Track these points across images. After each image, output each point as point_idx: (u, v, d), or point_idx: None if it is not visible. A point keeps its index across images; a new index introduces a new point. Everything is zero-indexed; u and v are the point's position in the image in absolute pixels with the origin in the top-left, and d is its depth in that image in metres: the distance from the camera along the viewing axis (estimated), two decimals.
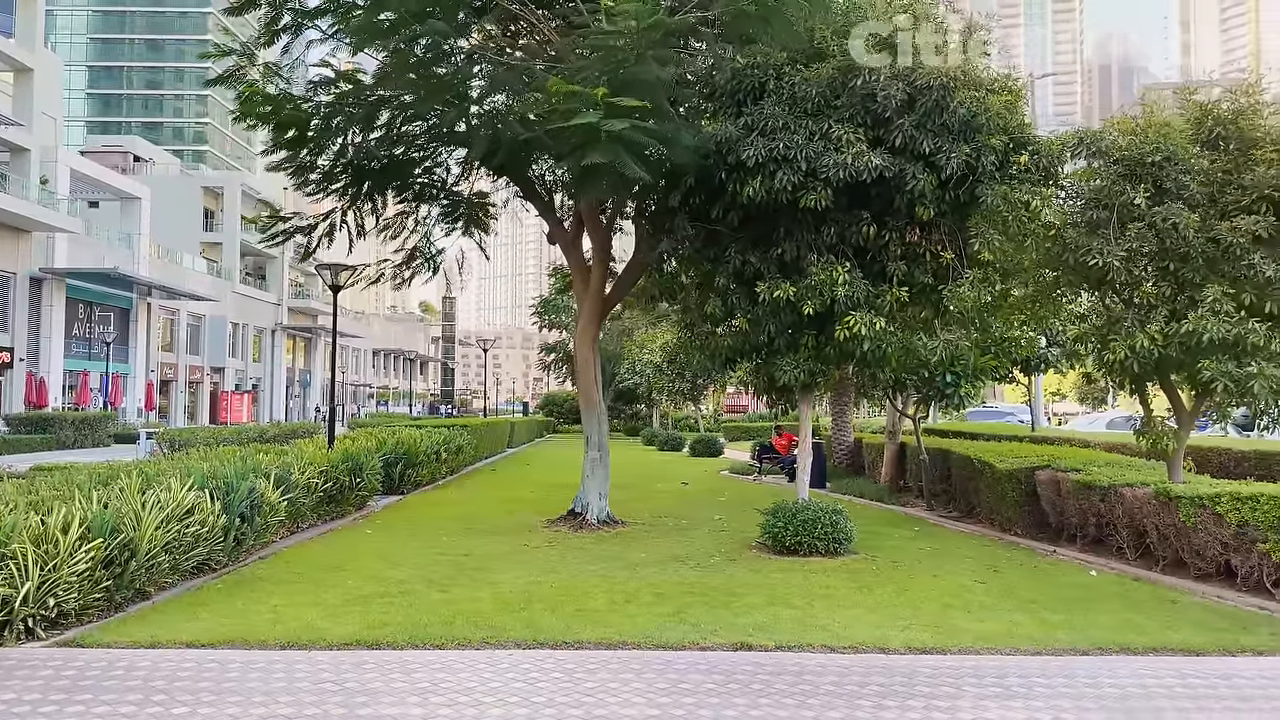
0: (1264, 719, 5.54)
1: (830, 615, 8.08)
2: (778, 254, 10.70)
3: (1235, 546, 9.12)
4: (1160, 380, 10.69)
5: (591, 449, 13.87)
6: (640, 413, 50.48)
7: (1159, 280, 9.91)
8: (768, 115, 10.21)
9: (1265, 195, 9.24)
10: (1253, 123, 9.59)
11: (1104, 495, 11.11)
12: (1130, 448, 15.42)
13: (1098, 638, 7.36)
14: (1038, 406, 25.25)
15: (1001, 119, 9.85)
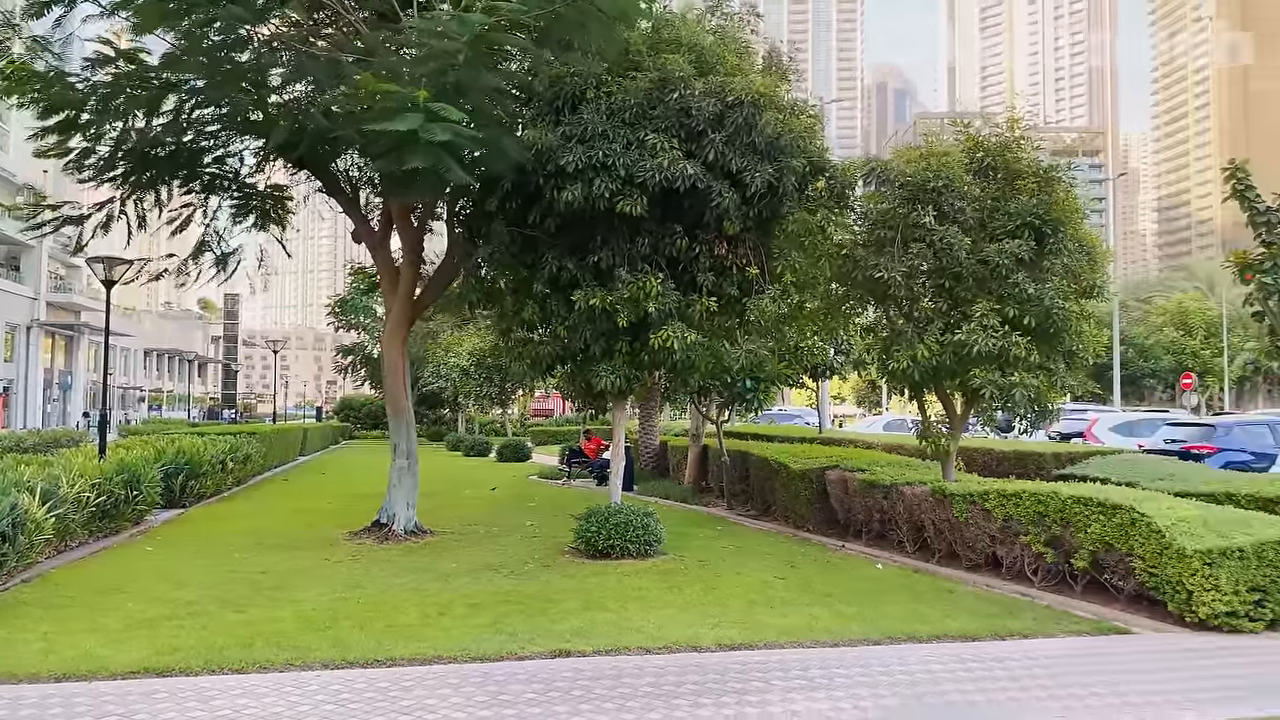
0: (1032, 695, 6.18)
1: (644, 617, 8.26)
2: (594, 262, 10.84)
3: (1001, 539, 10.11)
4: (936, 387, 11.67)
5: (399, 456, 13.46)
6: (445, 417, 49.43)
7: (936, 296, 10.83)
8: (587, 123, 10.33)
9: (1027, 222, 10.33)
10: (1016, 155, 10.71)
11: (887, 493, 12.01)
12: (907, 448, 16.74)
13: (887, 628, 7.95)
14: (824, 410, 26.90)
15: (803, 141, 10.47)
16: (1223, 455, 17.75)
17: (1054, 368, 10.49)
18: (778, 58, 11.78)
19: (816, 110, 11.37)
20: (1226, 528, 8.05)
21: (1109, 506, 8.73)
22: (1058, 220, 10.37)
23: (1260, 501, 10.36)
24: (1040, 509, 9.49)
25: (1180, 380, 56.61)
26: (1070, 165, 11.30)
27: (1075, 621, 8.25)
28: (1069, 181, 10.73)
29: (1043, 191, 10.46)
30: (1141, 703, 5.94)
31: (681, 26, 10.98)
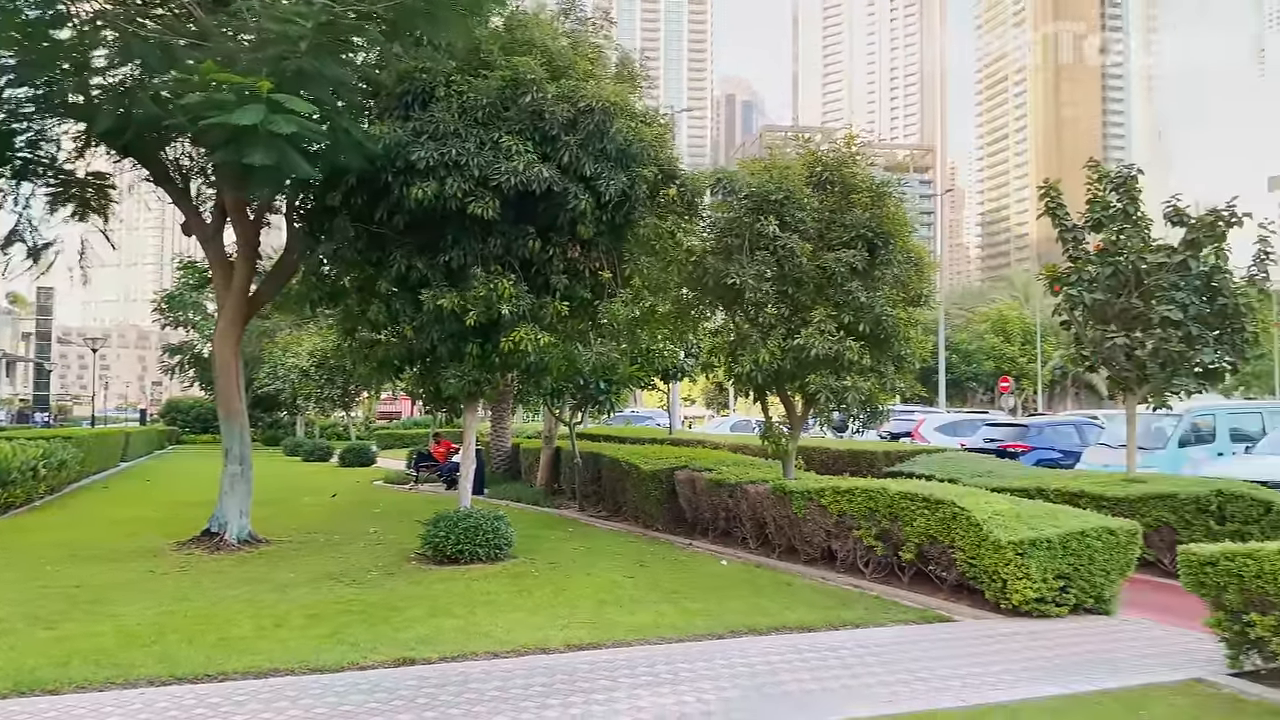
0: (863, 681, 6.53)
1: (493, 621, 8.21)
2: (445, 261, 10.66)
3: (836, 534, 10.62)
4: (778, 389, 12.13)
5: (232, 462, 12.81)
6: (282, 420, 47.28)
7: (779, 302, 11.25)
8: (439, 120, 10.15)
9: (860, 234, 10.90)
10: (852, 171, 11.28)
11: (732, 492, 12.40)
12: (752, 448, 17.33)
13: (731, 621, 8.21)
14: (675, 411, 27.44)
15: (654, 150, 10.66)
16: (1035, 453, 19.27)
17: (884, 371, 11.12)
18: (630, 65, 11.95)
19: (667, 120, 11.61)
20: (1037, 520, 8.73)
21: (933, 501, 9.32)
22: (888, 233, 11.00)
23: (1066, 495, 11.34)
24: (871, 504, 10.02)
25: (999, 383, 60.95)
26: (900, 181, 12.00)
27: (903, 611, 8.77)
28: (899, 197, 11.40)
29: (875, 206, 11.07)
30: (960, 685, 6.38)
31: (534, 28, 10.97)
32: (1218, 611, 6.65)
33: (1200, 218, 11.65)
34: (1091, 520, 8.80)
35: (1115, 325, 11.63)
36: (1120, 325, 11.60)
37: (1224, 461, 15.86)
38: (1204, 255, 11.50)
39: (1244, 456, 15.99)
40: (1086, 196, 12.14)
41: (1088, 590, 8.51)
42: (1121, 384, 11.97)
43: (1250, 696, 6.09)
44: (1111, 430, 18.15)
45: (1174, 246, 11.60)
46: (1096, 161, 12.53)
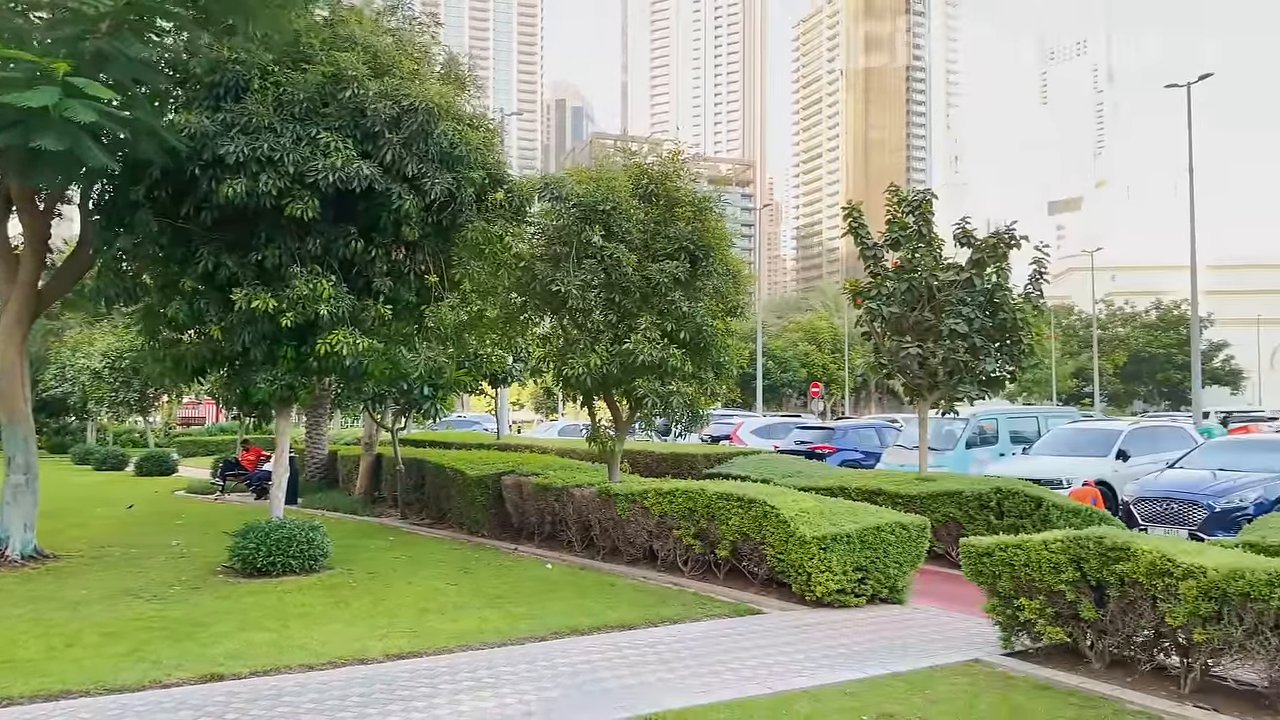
0: (678, 675, 6.81)
1: (308, 634, 7.96)
2: (258, 260, 10.23)
3: (657, 534, 10.96)
4: (605, 394, 12.38)
5: (15, 471, 11.75)
6: (71, 426, 43.42)
7: (606, 309, 11.49)
8: (251, 113, 9.73)
9: (683, 246, 11.32)
10: (676, 185, 11.69)
11: (558, 495, 12.53)
12: (579, 452, 17.52)
13: (554, 624, 8.34)
14: (503, 416, 27.29)
15: (481, 154, 10.65)
16: (840, 454, 20.52)
17: (705, 377, 11.58)
18: (457, 67, 11.86)
19: (495, 124, 11.62)
20: (839, 517, 9.37)
21: (746, 501, 9.81)
22: (709, 246, 11.48)
23: (866, 494, 12.19)
24: (691, 505, 10.42)
25: (811, 389, 64.27)
26: (721, 196, 12.52)
27: (718, 606, 9.18)
28: (719, 212, 11.91)
29: (697, 219, 11.52)
30: (767, 674, 6.78)
31: (357, 25, 10.71)
32: (993, 598, 7.38)
33: (985, 240, 12.81)
34: (887, 516, 9.52)
35: (910, 336, 12.60)
36: (914, 336, 12.57)
37: (1004, 461, 17.48)
38: (987, 274, 12.65)
39: (1021, 457, 17.68)
40: (886, 217, 13.09)
41: (883, 581, 9.21)
42: (915, 390, 12.97)
43: (1018, 674, 6.80)
44: (907, 433, 19.60)
45: (962, 265, 12.70)
46: (896, 186, 13.54)
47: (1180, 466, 14.42)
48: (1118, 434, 16.79)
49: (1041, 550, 6.92)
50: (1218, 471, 13.54)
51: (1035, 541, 7.04)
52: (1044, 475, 14.50)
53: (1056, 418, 21.64)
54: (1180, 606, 5.99)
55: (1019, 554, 7.08)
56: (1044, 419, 21.10)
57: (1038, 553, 6.94)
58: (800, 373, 78.74)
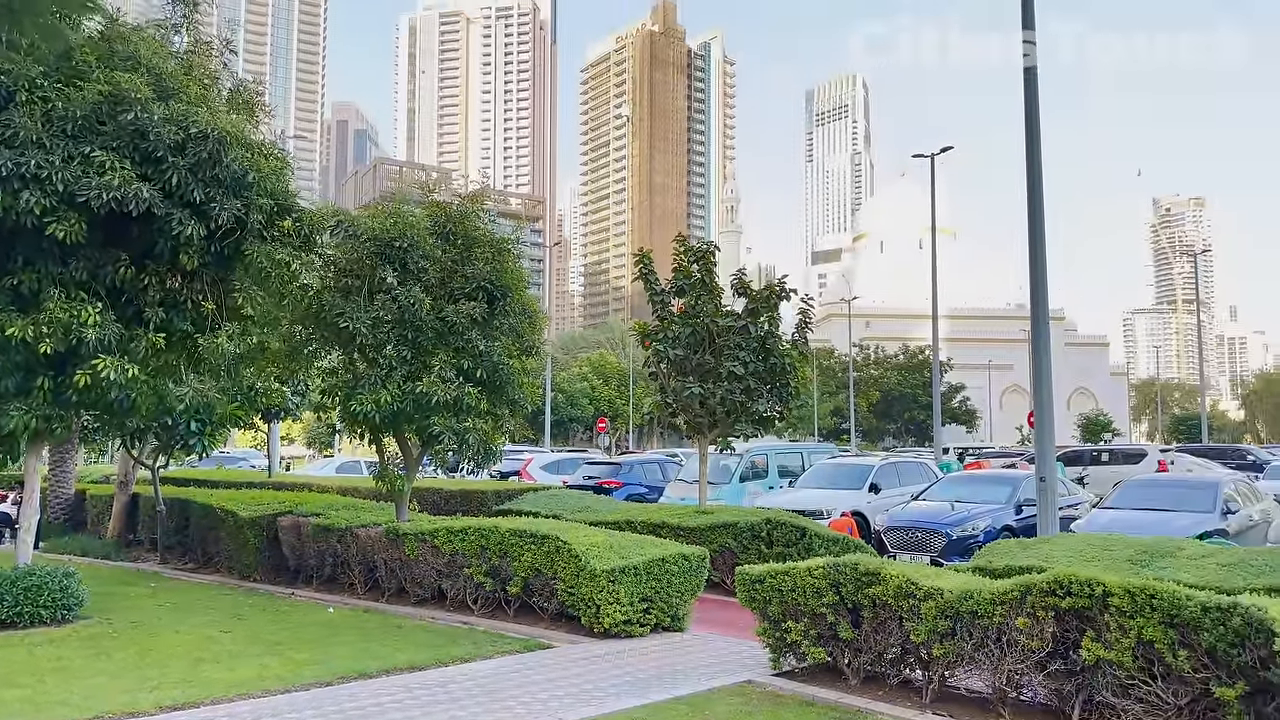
0: (469, 711, 6.91)
1: (68, 689, 7.36)
2: (13, 284, 9.37)
3: (447, 573, 10.94)
4: (395, 431, 12.24)
5: None
6: None
7: (399, 345, 11.43)
8: (18, 126, 8.96)
9: (481, 285, 11.48)
10: (475, 225, 11.86)
11: (341, 536, 12.20)
12: (363, 490, 17.08)
13: (340, 668, 8.16)
14: (275, 452, 25.95)
15: (270, 182, 10.34)
16: (626, 489, 21.18)
17: (500, 414, 11.75)
18: (246, 93, 11.46)
19: (287, 153, 11.30)
20: (627, 550, 9.80)
21: (540, 536, 10.05)
22: (507, 286, 11.72)
23: (651, 526, 12.75)
24: (483, 542, 10.52)
25: (597, 424, 65.45)
26: (519, 239, 12.82)
27: (509, 642, 9.32)
28: (518, 253, 12.20)
29: (496, 260, 11.74)
30: (557, 705, 7.02)
31: (140, 44, 10.15)
32: (764, 622, 8.03)
33: (759, 291, 13.87)
34: (671, 548, 10.06)
35: (692, 377, 13.38)
36: (696, 377, 13.36)
37: (773, 494, 18.75)
38: (761, 322, 13.69)
39: (788, 490, 19.03)
40: (673, 265, 13.88)
41: (666, 610, 9.71)
42: (696, 427, 13.77)
43: (786, 692, 7.43)
44: (688, 467, 20.58)
45: (739, 313, 13.68)
46: (684, 236, 14.44)
47: (923, 498, 16.12)
48: (870, 469, 18.49)
49: (806, 576, 7.62)
50: (955, 503, 15.26)
51: (801, 568, 7.74)
52: (807, 507, 15.74)
53: (818, 453, 23.48)
54: (922, 624, 6.82)
55: (787, 580, 7.77)
56: (808, 454, 22.81)
57: (802, 579, 7.64)
58: (587, 408, 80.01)
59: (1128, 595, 5.95)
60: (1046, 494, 11.72)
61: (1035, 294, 12.39)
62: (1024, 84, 12.58)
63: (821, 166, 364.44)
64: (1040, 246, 12.38)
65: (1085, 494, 18.39)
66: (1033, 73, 12.59)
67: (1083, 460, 29.44)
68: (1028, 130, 12.54)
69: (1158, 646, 5.82)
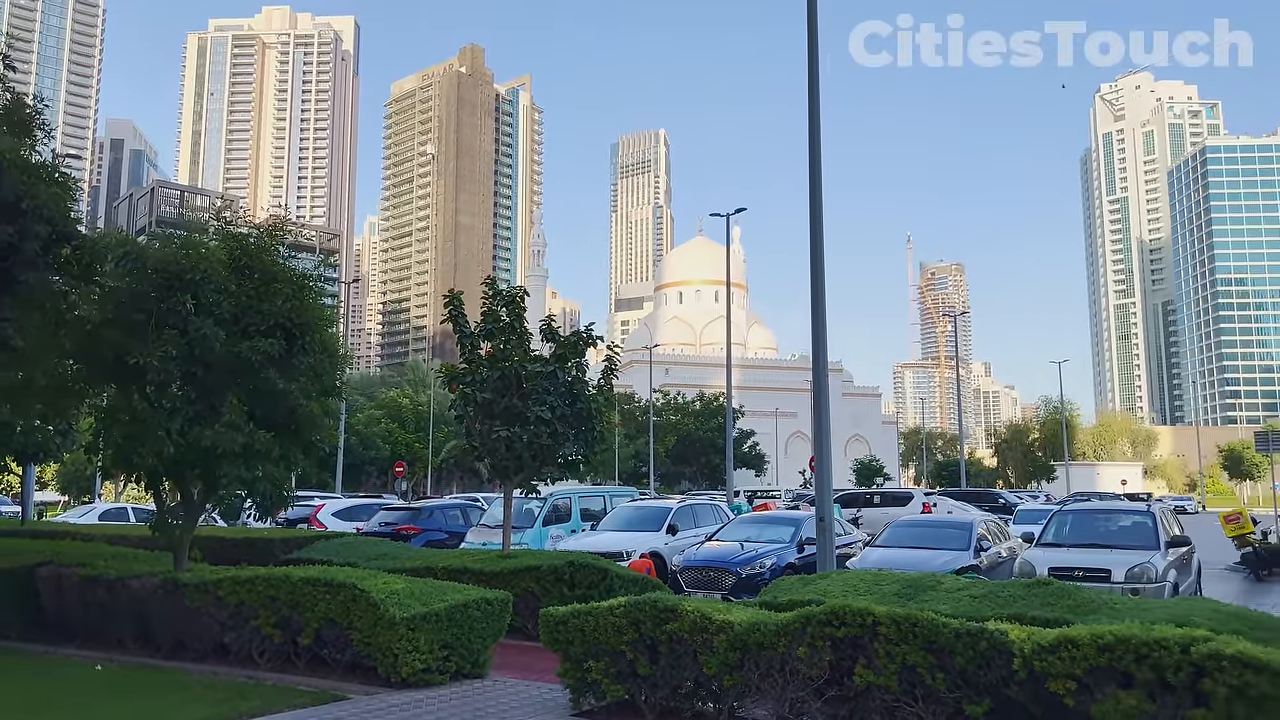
0: None
1: None
2: None
3: (231, 625, 10.34)
4: (175, 478, 11.50)
5: None
6: None
7: (186, 383, 10.81)
8: None
9: (280, 323, 11.09)
10: (275, 260, 11.46)
11: (110, 587, 11.26)
12: (132, 538, 15.83)
13: None
14: (29, 498, 23.50)
15: (50, 209, 9.63)
16: (426, 535, 20.74)
17: (294, 458, 11.32)
18: (21, 111, 10.61)
19: (64, 177, 10.53)
20: (428, 596, 9.66)
21: (334, 585, 9.73)
22: (307, 324, 11.38)
23: (451, 572, 12.58)
24: (273, 593, 10.05)
25: (395, 468, 63.39)
26: (320, 276, 12.49)
27: (299, 696, 8.95)
28: (318, 290, 11.89)
29: (296, 296, 11.38)
30: None
31: None
32: (566, 662, 8.19)
33: (567, 337, 14.20)
34: (473, 593, 10.03)
35: (499, 421, 13.45)
36: (503, 421, 13.44)
37: (576, 537, 18.98)
38: (568, 367, 14.00)
39: (590, 533, 19.33)
40: (482, 309, 13.97)
41: (467, 657, 9.65)
42: (501, 471, 13.81)
43: None
44: (491, 512, 20.46)
45: (547, 358, 13.93)
46: (492, 279, 14.58)
47: (716, 539, 16.87)
48: (668, 511, 19.15)
49: (608, 615, 7.88)
50: (745, 543, 16.08)
51: (603, 608, 8.00)
52: (609, 549, 16.09)
53: (619, 496, 23.99)
54: (714, 657, 7.24)
55: (589, 620, 7.99)
56: (609, 497, 23.27)
57: (605, 618, 7.89)
58: (383, 450, 77.29)
59: (894, 624, 6.62)
60: (825, 533, 12.64)
61: (816, 349, 13.44)
62: (809, 150, 13.73)
63: (625, 217, 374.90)
64: (821, 305, 13.46)
65: (859, 533, 19.88)
66: (816, 141, 13.76)
67: (857, 502, 31.78)
68: (811, 195, 13.68)
69: (919, 670, 6.49)
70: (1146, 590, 12.17)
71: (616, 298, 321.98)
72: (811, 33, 13.71)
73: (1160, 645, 5.77)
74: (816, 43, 13.73)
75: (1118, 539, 14.09)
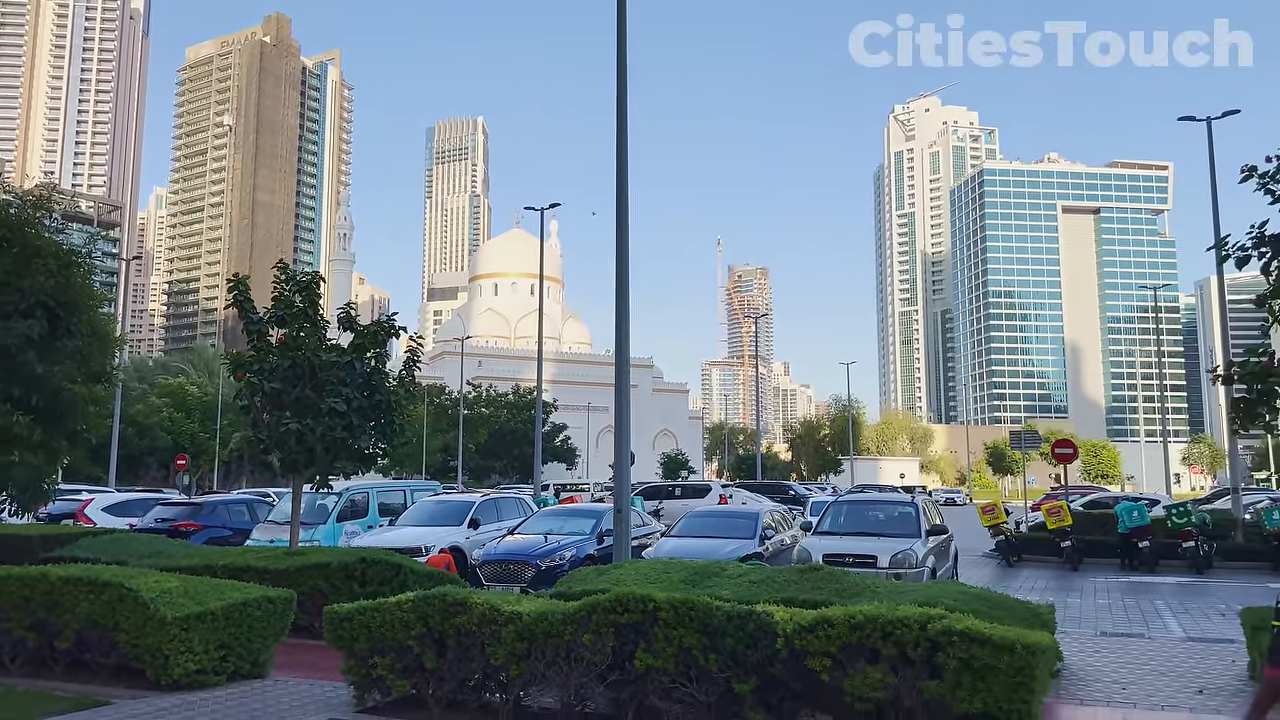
0: None
1: None
2: None
3: None
4: None
5: None
6: None
7: None
8: None
9: (41, 301, 10.20)
10: (38, 233, 10.52)
11: None
12: None
13: None
14: None
15: None
16: (207, 531, 19.61)
17: (58, 447, 10.46)
18: None
19: None
20: (204, 595, 9.20)
21: (99, 584, 9.07)
22: (73, 304, 10.54)
23: (233, 570, 11.98)
24: (27, 593, 9.25)
25: (176, 460, 59.09)
26: (90, 251, 11.57)
27: (55, 701, 8.31)
28: (89, 266, 11.02)
29: (61, 273, 10.51)
30: None
31: None
32: (350, 659, 8.05)
33: (367, 327, 13.83)
34: (254, 591, 9.63)
35: (290, 412, 12.92)
36: (294, 412, 12.93)
37: (373, 533, 18.53)
38: (368, 357, 13.65)
39: (387, 528, 18.92)
40: (274, 293, 13.37)
41: (245, 657, 9.27)
42: (291, 465, 13.28)
43: None
44: (280, 507, 19.61)
45: (344, 348, 13.52)
46: (285, 264, 13.94)
47: (519, 532, 16.96)
48: (470, 505, 19.05)
49: (395, 610, 7.82)
50: (547, 535, 16.27)
51: (390, 603, 7.92)
52: (406, 544, 15.84)
53: (422, 490, 23.60)
54: (502, 648, 7.35)
55: (376, 616, 7.89)
56: (411, 492, 22.84)
57: (392, 613, 7.82)
58: (164, 440, 71.83)
59: (673, 609, 6.97)
60: (623, 525, 13.03)
61: (619, 347, 13.82)
62: (616, 151, 14.09)
63: (441, 204, 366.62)
64: (625, 301, 13.86)
65: (657, 524, 20.55)
66: (624, 134, 14.13)
67: (660, 494, 32.80)
68: (618, 190, 14.04)
69: (694, 652, 6.88)
70: (908, 575, 13.33)
71: (430, 287, 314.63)
72: (621, 31, 14.06)
73: (902, 623, 6.41)
74: (625, 41, 14.09)
75: (885, 528, 15.32)
